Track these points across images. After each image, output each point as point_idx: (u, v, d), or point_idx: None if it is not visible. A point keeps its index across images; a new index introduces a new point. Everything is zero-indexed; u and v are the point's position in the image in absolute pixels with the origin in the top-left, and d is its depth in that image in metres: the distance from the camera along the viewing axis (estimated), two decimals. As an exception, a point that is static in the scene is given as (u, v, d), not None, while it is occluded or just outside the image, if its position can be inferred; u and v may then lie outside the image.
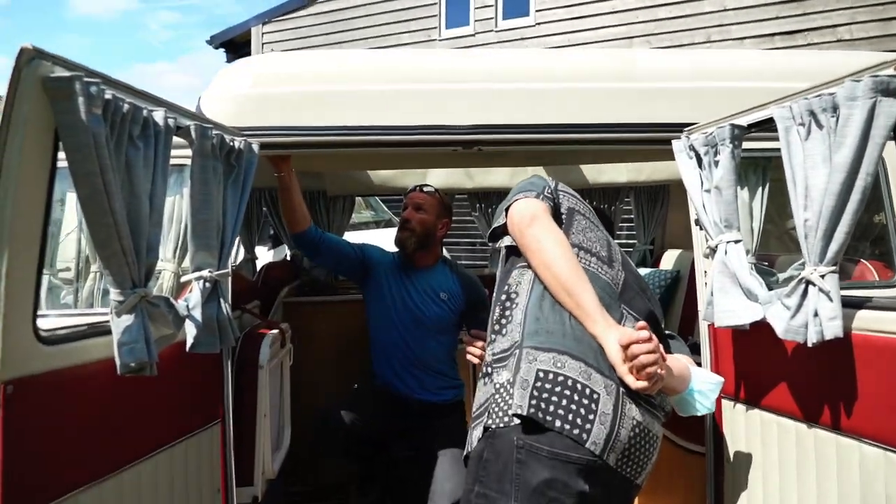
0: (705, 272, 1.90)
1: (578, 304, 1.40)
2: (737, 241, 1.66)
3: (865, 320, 1.42)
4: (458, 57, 2.29)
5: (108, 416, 1.36)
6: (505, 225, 1.55)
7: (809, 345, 1.39)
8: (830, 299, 1.35)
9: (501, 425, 1.36)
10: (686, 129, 1.86)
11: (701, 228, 1.83)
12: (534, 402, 1.33)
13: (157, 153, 1.27)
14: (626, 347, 1.33)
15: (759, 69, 2.10)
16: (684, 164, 1.83)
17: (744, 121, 1.62)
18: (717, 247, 1.69)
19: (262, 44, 9.39)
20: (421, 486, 2.36)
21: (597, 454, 1.31)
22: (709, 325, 1.91)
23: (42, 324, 1.20)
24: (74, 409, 1.27)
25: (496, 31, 8.22)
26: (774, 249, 2.31)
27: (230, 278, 1.70)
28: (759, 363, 1.75)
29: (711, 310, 1.69)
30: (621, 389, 1.36)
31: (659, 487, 2.32)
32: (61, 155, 1.13)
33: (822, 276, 1.36)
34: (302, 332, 2.81)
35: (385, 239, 2.71)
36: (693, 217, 1.87)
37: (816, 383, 1.55)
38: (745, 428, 1.79)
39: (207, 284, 1.49)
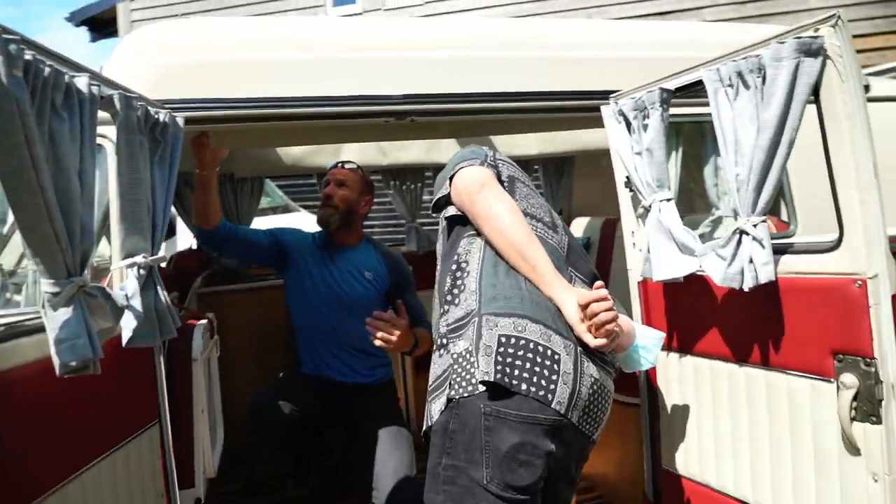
0: (633, 232, 1.99)
1: (534, 268, 1.43)
2: (668, 200, 1.75)
3: (788, 264, 1.55)
4: (380, 25, 2.21)
5: (41, 426, 1.20)
6: (449, 195, 1.53)
7: (746, 289, 1.50)
8: (763, 246, 1.47)
9: (465, 394, 1.36)
10: (613, 94, 1.93)
11: (631, 190, 1.92)
12: (499, 367, 1.33)
13: (84, 125, 1.12)
14: (585, 307, 1.37)
15: (681, 41, 2.22)
16: (613, 129, 1.90)
17: (672, 85, 1.71)
18: (650, 206, 1.78)
19: (131, 21, 8.62)
20: (362, 468, 2.31)
21: (562, 413, 1.34)
22: (638, 283, 2.00)
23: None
24: (3, 422, 1.11)
25: (384, 10, 8.09)
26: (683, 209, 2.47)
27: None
28: (689, 313, 1.86)
29: (649, 266, 1.78)
30: (579, 349, 1.40)
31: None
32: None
33: (755, 226, 1.47)
34: (220, 323, 2.64)
35: (281, 225, 2.65)
36: (622, 179, 1.95)
37: (745, 326, 1.68)
38: (678, 375, 1.90)
39: (142, 271, 1.35)
